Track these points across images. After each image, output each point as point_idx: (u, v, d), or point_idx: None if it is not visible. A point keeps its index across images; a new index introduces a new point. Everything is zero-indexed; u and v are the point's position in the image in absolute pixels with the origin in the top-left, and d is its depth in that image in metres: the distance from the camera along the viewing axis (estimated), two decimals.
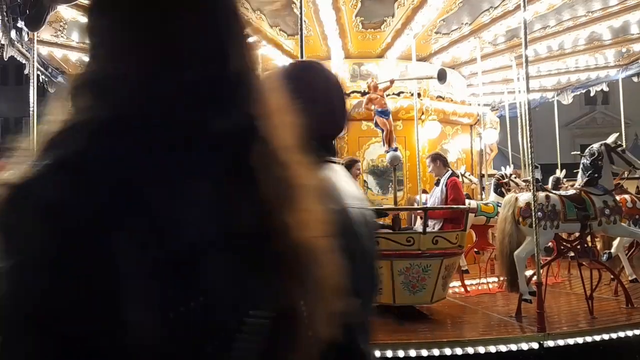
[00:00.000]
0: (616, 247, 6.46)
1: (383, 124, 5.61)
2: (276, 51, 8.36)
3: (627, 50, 9.33)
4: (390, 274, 4.88)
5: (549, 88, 11.93)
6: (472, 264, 7.66)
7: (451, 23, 7.76)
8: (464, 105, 9.39)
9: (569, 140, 21.19)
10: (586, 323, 4.81)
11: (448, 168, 5.76)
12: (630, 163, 5.34)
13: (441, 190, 5.63)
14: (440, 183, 5.74)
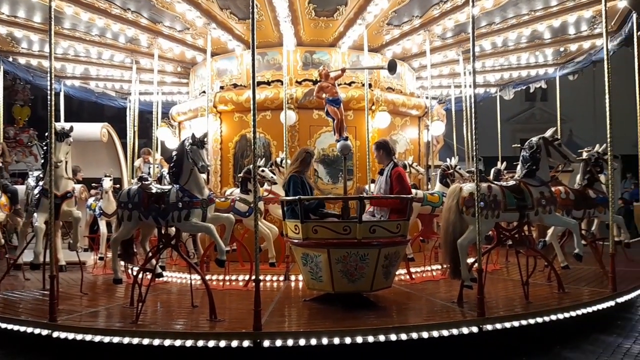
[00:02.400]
0: (550, 235, 6.84)
1: (334, 112, 5.60)
2: (227, 35, 8.14)
3: (565, 49, 9.84)
4: (328, 262, 4.92)
5: (493, 83, 12.39)
6: (418, 252, 7.88)
7: (402, 15, 7.85)
8: (413, 97, 9.58)
9: (510, 134, 22.16)
10: (522, 307, 5.08)
11: (392, 158, 5.74)
12: (566, 156, 5.64)
13: (385, 180, 5.65)
14: (384, 173, 5.76)
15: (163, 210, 4.95)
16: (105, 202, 7.89)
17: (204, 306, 4.94)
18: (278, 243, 6.95)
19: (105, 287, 6.63)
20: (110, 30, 8.10)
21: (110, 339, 4.33)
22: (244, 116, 8.49)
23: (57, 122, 7.55)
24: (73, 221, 6.05)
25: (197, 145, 4.85)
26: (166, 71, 10.47)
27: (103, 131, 11.09)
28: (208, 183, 7.97)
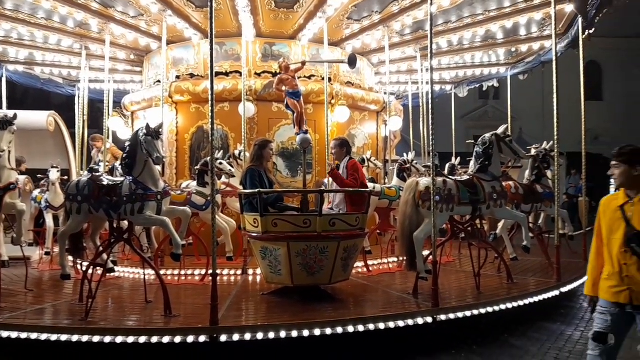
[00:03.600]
0: (501, 229, 7.12)
1: (294, 105, 5.55)
2: (183, 23, 7.90)
3: (516, 50, 10.22)
4: (288, 256, 4.91)
5: (448, 81, 12.71)
6: (375, 245, 8.00)
7: (362, 10, 7.89)
8: (372, 92, 9.67)
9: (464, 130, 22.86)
10: (473, 298, 5.27)
11: (349, 156, 5.97)
12: (516, 152, 5.87)
13: (342, 173, 5.80)
14: (341, 167, 5.89)
15: (115, 203, 4.77)
16: (51, 195, 7.51)
17: (159, 302, 4.81)
18: (236, 237, 6.86)
19: (53, 284, 6.32)
20: (57, 13, 7.67)
21: (57, 337, 4.15)
22: (201, 107, 8.30)
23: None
24: (17, 214, 5.72)
25: (151, 136, 4.70)
26: (118, 58, 10.06)
27: (50, 120, 10.51)
28: (163, 175, 7.77)
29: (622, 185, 2.94)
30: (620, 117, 26.46)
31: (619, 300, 2.87)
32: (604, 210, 3.00)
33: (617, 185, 2.99)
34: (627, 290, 2.83)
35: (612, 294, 2.90)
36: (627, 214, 2.85)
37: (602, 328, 2.94)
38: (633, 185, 2.89)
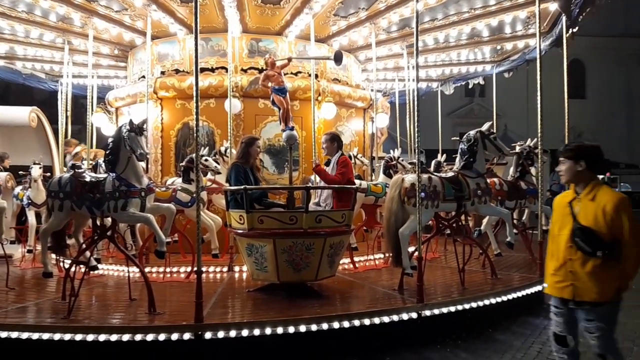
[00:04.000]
0: (485, 225, 7.20)
1: (280, 102, 5.53)
2: (168, 18, 7.80)
3: (501, 47, 10.31)
4: (274, 252, 4.91)
5: (434, 78, 12.78)
6: (361, 241, 8.02)
7: (349, 6, 7.88)
8: (358, 89, 9.68)
9: (450, 128, 23.04)
10: (458, 293, 5.32)
11: (340, 150, 5.93)
12: (500, 149, 5.93)
13: (332, 168, 5.78)
14: (332, 162, 5.87)
15: (98, 200, 4.71)
16: (34, 192, 7.39)
17: (143, 299, 4.77)
18: (222, 234, 6.83)
19: (35, 282, 6.22)
20: (39, 7, 7.53)
21: (39, 336, 4.09)
22: (187, 103, 8.22)
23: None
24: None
25: (135, 132, 4.64)
26: (102, 53, 9.91)
27: (32, 116, 10.35)
28: (147, 172, 7.69)
29: (568, 180, 2.97)
30: (602, 114, 26.90)
31: (563, 295, 2.90)
32: (555, 207, 3.05)
33: (564, 181, 3.04)
34: (571, 286, 2.85)
35: (557, 289, 2.93)
36: (574, 210, 2.88)
37: (558, 330, 2.97)
38: (577, 180, 2.92)
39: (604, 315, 2.80)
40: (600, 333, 2.79)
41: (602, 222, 2.77)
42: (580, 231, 2.81)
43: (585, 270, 2.81)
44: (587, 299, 2.81)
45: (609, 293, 2.79)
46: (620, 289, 2.81)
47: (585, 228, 2.80)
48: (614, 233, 2.75)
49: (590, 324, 2.81)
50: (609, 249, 2.75)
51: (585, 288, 2.81)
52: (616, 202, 2.77)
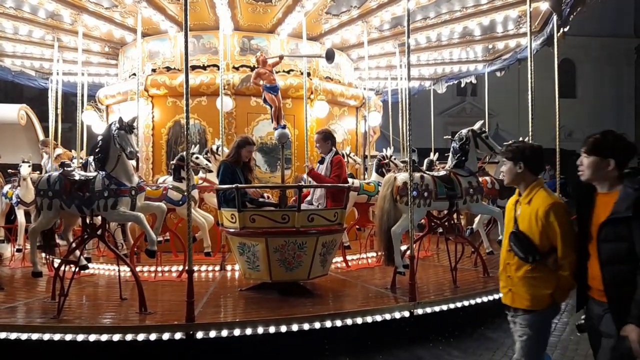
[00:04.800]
0: (477, 223, 7.22)
1: (272, 100, 5.51)
2: (159, 15, 7.74)
3: (493, 47, 10.34)
4: (266, 251, 4.89)
5: (427, 77, 12.81)
6: (354, 240, 8.03)
7: (341, 4, 7.86)
8: (351, 87, 9.67)
9: (442, 126, 23.13)
10: (450, 292, 5.33)
11: (334, 148, 5.88)
12: (492, 148, 5.95)
13: (326, 167, 5.74)
14: (325, 161, 5.84)
15: (87, 199, 4.66)
16: (23, 190, 7.31)
17: (134, 299, 4.73)
18: (214, 232, 6.79)
19: (24, 281, 6.16)
20: (27, 3, 7.44)
21: (28, 336, 4.04)
22: (178, 101, 8.17)
23: None
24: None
25: (124, 129, 4.60)
26: (92, 51, 9.81)
27: (21, 113, 10.27)
28: (138, 170, 7.63)
29: (509, 182, 2.87)
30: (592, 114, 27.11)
31: (505, 301, 2.80)
32: (506, 209, 2.94)
33: (506, 183, 2.95)
34: (509, 292, 2.75)
35: (503, 295, 2.84)
36: (516, 213, 2.77)
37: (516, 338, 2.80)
38: (517, 182, 2.80)
39: (533, 323, 2.66)
40: (525, 339, 2.67)
41: (534, 228, 2.63)
42: (514, 235, 2.69)
43: (518, 275, 2.69)
44: (520, 306, 2.69)
45: (541, 301, 2.63)
46: (554, 298, 2.63)
47: (519, 233, 2.68)
48: (550, 239, 2.60)
49: (520, 329, 2.69)
50: (541, 256, 2.61)
51: (518, 294, 2.70)
52: (547, 207, 2.60)
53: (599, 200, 2.44)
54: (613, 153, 2.38)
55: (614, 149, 2.39)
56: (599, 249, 2.37)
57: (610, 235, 2.31)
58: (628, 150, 2.42)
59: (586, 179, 2.47)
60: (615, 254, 2.30)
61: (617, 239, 2.29)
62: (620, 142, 2.42)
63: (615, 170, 2.39)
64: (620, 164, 2.39)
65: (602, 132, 2.47)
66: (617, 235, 2.29)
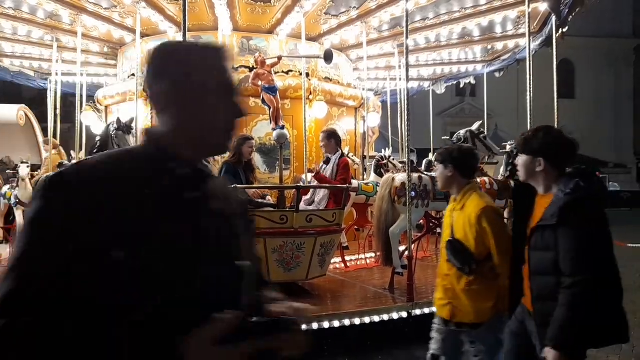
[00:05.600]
0: None
1: (270, 100, 5.53)
2: (158, 16, 7.75)
3: (492, 47, 10.36)
4: (264, 252, 4.88)
5: (426, 78, 12.82)
6: (353, 240, 8.02)
7: (340, 5, 7.87)
8: (350, 88, 9.68)
9: (441, 127, 23.15)
10: None
11: (339, 148, 5.83)
12: (490, 149, 5.96)
13: (332, 169, 5.70)
14: (331, 162, 5.80)
15: None
16: (22, 191, 7.31)
17: None
18: None
19: None
20: (26, 3, 7.44)
21: None
22: None
23: None
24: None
25: (123, 130, 4.60)
26: (91, 51, 9.82)
27: (20, 114, 10.26)
28: None
29: (442, 187, 2.74)
30: (591, 114, 27.16)
31: (442, 314, 2.61)
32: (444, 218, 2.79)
33: (439, 188, 2.83)
34: (449, 305, 2.55)
35: (438, 307, 2.67)
36: (451, 220, 2.61)
37: (434, 349, 2.65)
38: (449, 186, 2.65)
39: (483, 337, 2.48)
40: (480, 357, 2.50)
41: (470, 235, 2.47)
42: (450, 244, 2.53)
43: (460, 287, 2.52)
44: (466, 320, 2.51)
45: (486, 313, 2.46)
46: (498, 309, 2.45)
47: (455, 242, 2.51)
48: (486, 246, 2.44)
49: (473, 347, 2.51)
50: (478, 265, 2.44)
51: (462, 307, 2.51)
52: (478, 212, 2.45)
53: (538, 202, 2.24)
54: (543, 151, 2.15)
55: (542, 147, 2.15)
56: (529, 256, 2.19)
57: (539, 243, 2.11)
58: (561, 148, 2.17)
59: (522, 179, 2.28)
60: (542, 264, 2.10)
61: (545, 247, 2.08)
62: (552, 139, 2.18)
63: (548, 171, 2.15)
64: (554, 163, 2.14)
65: (535, 128, 2.28)
66: (545, 244, 2.08)
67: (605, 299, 1.97)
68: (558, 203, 2.05)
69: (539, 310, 2.12)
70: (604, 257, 2.00)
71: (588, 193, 2.03)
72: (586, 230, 1.98)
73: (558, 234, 2.02)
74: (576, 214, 1.99)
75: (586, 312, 1.94)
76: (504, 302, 2.39)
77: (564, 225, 2.00)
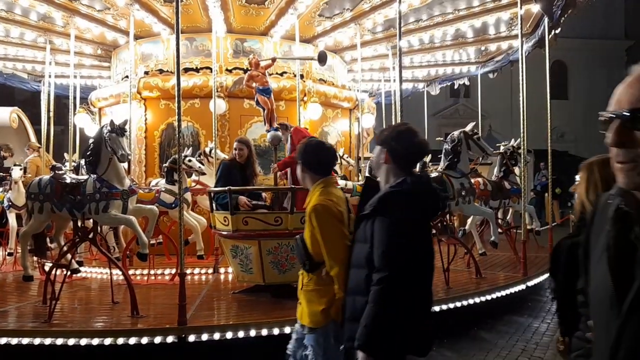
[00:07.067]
0: (469, 224, 7.25)
1: (264, 102, 5.52)
2: (152, 18, 7.73)
3: (486, 48, 10.41)
4: (259, 254, 4.88)
5: (420, 79, 12.86)
6: None
7: (334, 7, 7.89)
8: (344, 89, 9.69)
9: (436, 128, 23.16)
10: (443, 293, 5.33)
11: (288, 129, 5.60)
12: (484, 149, 5.99)
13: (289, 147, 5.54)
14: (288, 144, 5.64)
15: (79, 202, 4.64)
16: (14, 193, 7.25)
17: (126, 302, 4.70)
18: (207, 235, 6.77)
19: (16, 285, 6.11)
20: (19, 5, 7.40)
21: (19, 341, 4.00)
22: (171, 104, 8.13)
23: None
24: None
25: (116, 132, 4.58)
26: (84, 53, 9.78)
27: (13, 116, 10.21)
28: (130, 173, 7.60)
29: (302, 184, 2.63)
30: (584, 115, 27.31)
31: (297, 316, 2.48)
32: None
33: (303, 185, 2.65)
34: (300, 305, 2.44)
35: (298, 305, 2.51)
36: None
37: (289, 348, 2.53)
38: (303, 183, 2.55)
39: (315, 342, 2.31)
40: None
41: (306, 231, 2.35)
42: (295, 241, 2.43)
43: (299, 287, 2.44)
44: (305, 323, 2.37)
45: (318, 317, 2.30)
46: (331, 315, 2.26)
47: (299, 238, 2.40)
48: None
49: (309, 352, 2.35)
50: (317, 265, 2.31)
51: (301, 308, 2.40)
52: (309, 211, 2.32)
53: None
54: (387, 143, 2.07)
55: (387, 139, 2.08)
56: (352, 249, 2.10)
57: (360, 235, 2.04)
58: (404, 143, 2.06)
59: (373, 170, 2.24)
60: (359, 256, 2.02)
61: (364, 239, 2.00)
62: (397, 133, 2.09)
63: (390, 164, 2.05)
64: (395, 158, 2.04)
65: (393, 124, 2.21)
66: (364, 236, 2.00)
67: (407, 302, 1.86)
68: (379, 194, 2.02)
69: (349, 303, 2.04)
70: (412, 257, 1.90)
71: (405, 188, 1.96)
72: (395, 225, 1.90)
73: (374, 226, 1.95)
74: (389, 207, 1.93)
75: (387, 312, 1.83)
76: (338, 310, 2.22)
77: (378, 216, 1.94)
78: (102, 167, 4.66)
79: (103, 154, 4.66)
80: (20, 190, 7.15)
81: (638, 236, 0.90)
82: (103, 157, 4.66)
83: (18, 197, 7.19)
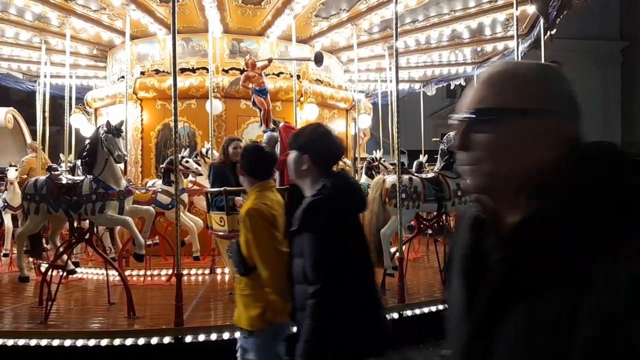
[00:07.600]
0: None
1: (261, 103, 5.53)
2: (148, 18, 7.71)
3: (481, 49, 10.45)
4: None
5: (417, 79, 12.89)
6: None
7: (330, 7, 7.90)
8: (341, 90, 9.70)
9: (432, 129, 23.21)
10: (440, 293, 5.35)
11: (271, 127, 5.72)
12: None
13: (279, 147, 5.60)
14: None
15: (75, 203, 4.64)
16: (10, 194, 7.23)
17: (122, 303, 4.70)
18: (204, 236, 6.76)
19: (12, 286, 6.09)
20: (13, 5, 7.38)
21: (14, 342, 4.00)
22: (167, 104, 8.10)
23: None
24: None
25: (112, 133, 4.58)
26: (80, 53, 9.75)
27: (8, 116, 10.17)
28: (126, 173, 7.58)
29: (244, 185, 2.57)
30: None
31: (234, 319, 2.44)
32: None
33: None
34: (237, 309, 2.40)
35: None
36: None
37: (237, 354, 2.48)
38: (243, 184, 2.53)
39: (254, 347, 2.30)
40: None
41: (241, 235, 2.33)
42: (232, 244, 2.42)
43: (237, 290, 2.41)
44: (242, 326, 2.34)
45: (254, 321, 2.26)
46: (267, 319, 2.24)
47: (236, 242, 2.37)
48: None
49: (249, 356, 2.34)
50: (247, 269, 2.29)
51: (238, 311, 2.38)
52: (243, 214, 2.29)
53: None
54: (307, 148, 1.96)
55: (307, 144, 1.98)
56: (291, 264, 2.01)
57: (296, 249, 1.95)
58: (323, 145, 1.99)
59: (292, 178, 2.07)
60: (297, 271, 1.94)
61: (299, 254, 1.92)
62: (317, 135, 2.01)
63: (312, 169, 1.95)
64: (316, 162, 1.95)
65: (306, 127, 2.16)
66: (299, 250, 1.91)
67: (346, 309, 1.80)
68: (302, 206, 1.92)
69: (298, 321, 1.93)
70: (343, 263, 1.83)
71: (326, 193, 1.87)
72: (321, 235, 1.83)
73: (303, 239, 1.88)
74: (312, 218, 1.86)
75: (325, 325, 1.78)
76: (274, 313, 2.21)
77: (304, 230, 1.87)
78: (99, 168, 4.66)
79: (99, 154, 4.65)
80: (15, 191, 7.13)
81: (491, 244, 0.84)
82: (99, 157, 4.66)
83: (13, 197, 7.17)
